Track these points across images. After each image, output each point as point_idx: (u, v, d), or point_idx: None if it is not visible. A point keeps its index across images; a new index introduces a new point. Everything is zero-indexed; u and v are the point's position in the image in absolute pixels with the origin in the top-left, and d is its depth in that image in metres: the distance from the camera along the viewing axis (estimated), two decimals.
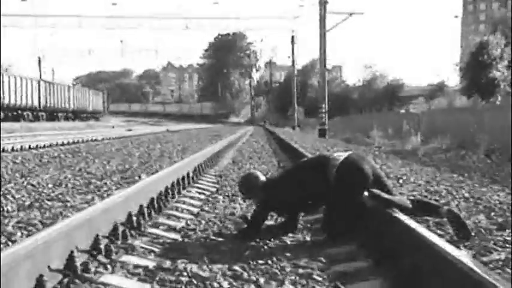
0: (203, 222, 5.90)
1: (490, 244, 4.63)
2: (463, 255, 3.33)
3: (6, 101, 49.24)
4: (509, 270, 3.91)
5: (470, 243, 4.65)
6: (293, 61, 69.94)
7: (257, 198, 5.50)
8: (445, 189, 8.16)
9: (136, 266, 4.13)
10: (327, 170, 5.10)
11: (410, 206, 5.00)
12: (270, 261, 4.42)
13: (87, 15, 66.52)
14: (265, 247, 4.93)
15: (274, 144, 22.91)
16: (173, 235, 5.26)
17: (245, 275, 4.07)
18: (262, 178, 5.59)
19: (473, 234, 4.90)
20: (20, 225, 5.17)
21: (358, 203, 4.95)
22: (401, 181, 9.16)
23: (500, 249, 4.48)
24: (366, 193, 4.91)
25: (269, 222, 5.63)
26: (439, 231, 5.04)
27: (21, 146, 16.26)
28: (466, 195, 7.61)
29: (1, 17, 61.65)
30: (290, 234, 5.33)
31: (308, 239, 5.27)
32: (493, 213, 6.01)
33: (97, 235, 4.26)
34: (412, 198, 5.95)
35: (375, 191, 4.89)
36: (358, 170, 5.04)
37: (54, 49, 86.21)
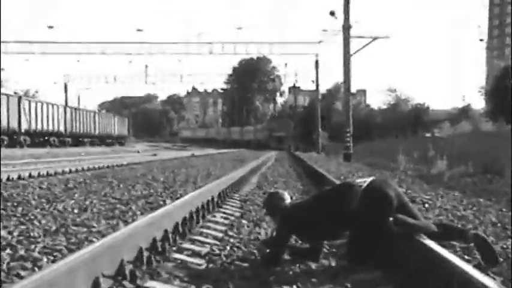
0: (228, 247, 5.88)
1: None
2: (490, 282, 3.29)
3: (33, 127, 49.80)
4: None
5: (497, 269, 4.58)
6: (317, 85, 70.05)
7: (278, 221, 5.45)
8: (472, 214, 8.08)
9: None
10: (350, 197, 5.07)
11: (436, 230, 4.95)
12: (295, 287, 4.39)
13: (112, 41, 67.02)
14: (290, 272, 4.90)
15: (299, 169, 22.86)
16: (198, 260, 5.25)
17: None
18: (288, 200, 5.56)
19: (501, 259, 4.84)
20: (46, 250, 5.20)
21: (382, 228, 4.90)
22: (427, 206, 9.08)
23: None
24: (390, 218, 4.86)
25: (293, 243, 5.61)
26: (466, 257, 4.99)
27: (47, 172, 16.37)
28: (494, 219, 7.52)
29: (28, 44, 62.65)
30: None
31: (333, 264, 5.23)
32: None
33: (122, 260, 4.27)
34: (437, 222, 5.90)
35: (400, 216, 4.85)
36: (382, 196, 4.99)
37: (80, 75, 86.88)
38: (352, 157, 36.09)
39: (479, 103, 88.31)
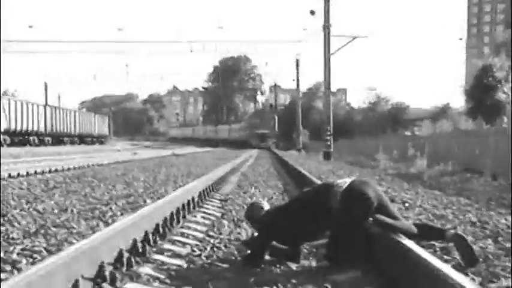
0: (208, 248, 5.87)
1: (497, 270, 4.59)
2: (468, 283, 3.31)
3: (12, 126, 49.44)
4: None
5: (477, 269, 4.61)
6: (297, 84, 70.27)
7: (259, 226, 5.47)
8: (452, 214, 8.13)
9: None
10: (330, 198, 5.09)
11: (416, 230, 4.98)
12: None
13: (92, 40, 66.73)
14: (270, 273, 4.90)
15: (279, 168, 22.90)
16: (178, 261, 5.24)
17: None
18: (267, 208, 5.59)
19: (480, 259, 4.87)
20: (25, 252, 5.16)
21: (362, 229, 4.93)
22: (406, 205, 9.12)
23: (508, 275, 4.45)
24: (370, 219, 4.89)
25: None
26: (445, 257, 5.02)
27: (27, 172, 16.27)
28: (473, 219, 7.56)
29: (8, 43, 62.18)
30: None
31: (313, 264, 5.25)
32: (500, 238, 5.97)
33: (102, 262, 4.25)
34: (417, 222, 5.94)
35: (379, 216, 4.87)
36: (362, 196, 5.02)
37: (60, 74, 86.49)
38: (332, 155, 36.23)
39: (458, 102, 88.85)
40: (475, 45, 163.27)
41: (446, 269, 3.59)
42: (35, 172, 16.64)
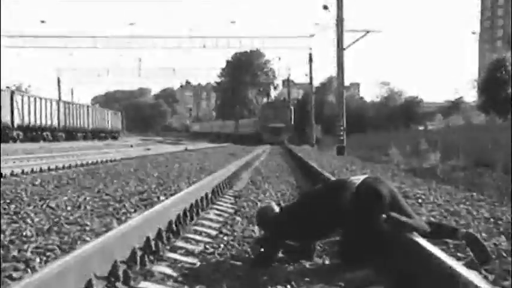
0: (221, 245, 5.88)
1: (511, 267, 4.58)
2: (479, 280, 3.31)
3: (26, 122, 49.68)
4: None
5: (490, 267, 4.60)
6: (310, 79, 70.13)
7: (272, 226, 5.43)
8: (465, 209, 8.09)
9: None
10: (343, 195, 5.07)
11: (428, 229, 4.97)
12: (288, 287, 4.39)
13: (104, 35, 66.58)
14: (283, 271, 4.90)
15: (291, 163, 22.88)
16: (191, 259, 5.25)
17: None
18: (277, 209, 5.55)
19: (493, 257, 4.86)
20: (39, 250, 5.18)
21: (375, 226, 4.91)
22: (420, 201, 9.09)
23: None
24: (383, 216, 4.87)
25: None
26: (458, 254, 5.01)
27: (41, 168, 16.33)
28: (486, 215, 7.54)
29: (20, 38, 62.53)
30: None
31: (326, 262, 5.24)
32: None
33: (115, 261, 4.26)
34: (430, 220, 5.93)
35: (392, 214, 4.85)
36: (375, 194, 5.00)
37: (72, 69, 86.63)
38: (345, 150, 36.17)
39: (471, 95, 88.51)
40: (489, 39, 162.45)
41: (459, 267, 3.58)
42: (48, 168, 16.69)
